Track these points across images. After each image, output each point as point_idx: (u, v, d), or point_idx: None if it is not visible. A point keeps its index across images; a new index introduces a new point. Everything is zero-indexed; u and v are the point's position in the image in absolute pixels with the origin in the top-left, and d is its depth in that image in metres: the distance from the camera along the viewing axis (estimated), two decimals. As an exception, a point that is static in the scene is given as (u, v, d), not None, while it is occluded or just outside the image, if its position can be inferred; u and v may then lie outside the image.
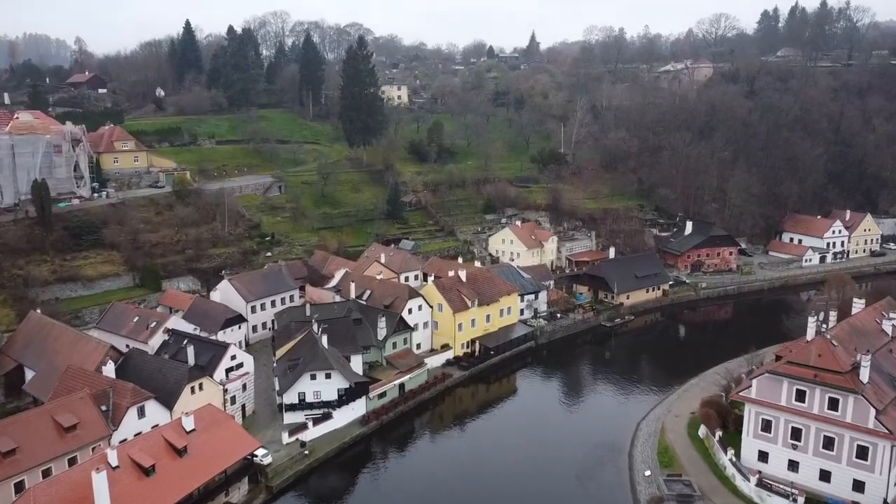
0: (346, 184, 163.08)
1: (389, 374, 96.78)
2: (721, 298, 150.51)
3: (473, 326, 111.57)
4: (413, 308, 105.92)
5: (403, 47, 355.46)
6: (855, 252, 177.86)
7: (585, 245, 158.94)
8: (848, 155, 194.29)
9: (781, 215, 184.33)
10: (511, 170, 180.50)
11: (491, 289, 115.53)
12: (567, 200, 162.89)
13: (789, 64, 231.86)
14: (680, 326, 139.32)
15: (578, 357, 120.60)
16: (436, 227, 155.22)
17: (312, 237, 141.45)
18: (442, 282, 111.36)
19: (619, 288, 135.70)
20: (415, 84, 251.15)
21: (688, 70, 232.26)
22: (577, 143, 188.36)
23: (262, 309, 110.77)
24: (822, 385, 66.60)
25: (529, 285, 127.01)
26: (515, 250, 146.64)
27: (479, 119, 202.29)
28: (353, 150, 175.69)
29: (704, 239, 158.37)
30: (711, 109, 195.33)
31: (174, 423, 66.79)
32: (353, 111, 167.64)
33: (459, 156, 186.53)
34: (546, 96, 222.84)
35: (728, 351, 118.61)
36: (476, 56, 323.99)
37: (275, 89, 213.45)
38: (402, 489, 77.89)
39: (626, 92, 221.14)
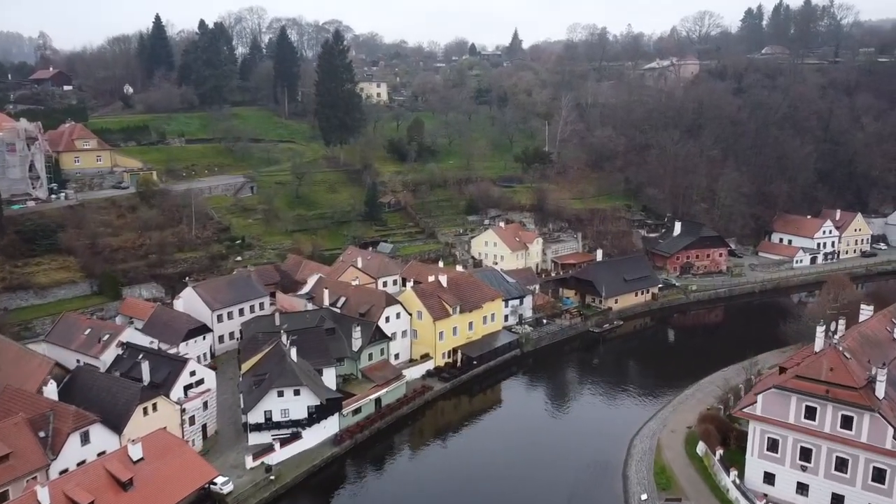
0: (322, 184, 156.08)
1: (365, 387, 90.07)
2: (712, 302, 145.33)
3: (455, 335, 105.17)
4: (390, 316, 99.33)
5: (384, 45, 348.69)
6: (845, 252, 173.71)
7: (571, 247, 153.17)
8: (837, 153, 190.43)
9: (771, 215, 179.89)
10: (494, 169, 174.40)
11: (473, 294, 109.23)
12: (552, 201, 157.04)
13: (777, 61, 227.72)
14: (671, 331, 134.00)
15: (566, 365, 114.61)
16: (416, 229, 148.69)
17: (286, 240, 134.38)
18: (421, 287, 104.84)
19: (608, 292, 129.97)
20: (395, 81, 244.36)
21: (674, 67, 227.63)
22: (562, 142, 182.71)
23: (230, 318, 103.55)
24: (834, 402, 60.93)
25: (514, 290, 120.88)
26: (499, 253, 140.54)
27: (462, 117, 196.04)
28: (329, 148, 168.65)
29: (694, 240, 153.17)
30: (699, 107, 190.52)
31: (119, 453, 59.66)
32: (330, 108, 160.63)
33: (441, 155, 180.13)
34: (530, 94, 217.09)
35: (722, 357, 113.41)
36: (458, 54, 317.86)
37: (249, 86, 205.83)
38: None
39: (612, 90, 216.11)
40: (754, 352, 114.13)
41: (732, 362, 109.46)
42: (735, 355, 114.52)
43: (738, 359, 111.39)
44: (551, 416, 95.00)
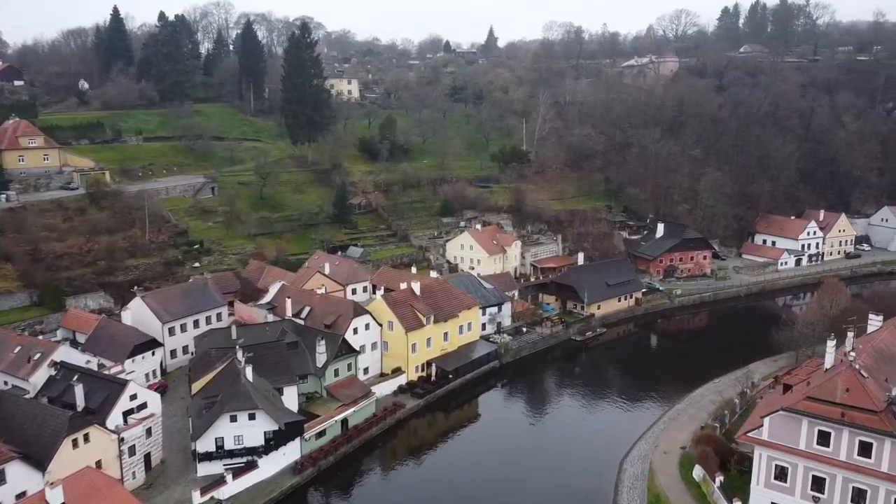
0: (289, 184, 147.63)
1: (330, 407, 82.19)
2: (697, 306, 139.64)
3: (429, 346, 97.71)
4: (359, 327, 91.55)
5: (356, 43, 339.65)
6: (829, 254, 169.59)
7: (551, 250, 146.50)
8: (819, 153, 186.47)
9: (753, 216, 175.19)
10: (470, 169, 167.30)
11: (449, 302, 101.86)
12: (531, 201, 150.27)
13: (756, 59, 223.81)
14: (656, 338, 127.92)
15: (548, 377, 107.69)
16: (388, 232, 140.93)
17: (248, 244, 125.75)
18: (393, 296, 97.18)
19: (590, 297, 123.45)
20: (367, 78, 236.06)
21: (653, 64, 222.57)
22: (540, 140, 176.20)
23: (183, 330, 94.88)
24: (851, 426, 54.59)
25: (492, 296, 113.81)
26: (475, 257, 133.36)
27: (436, 115, 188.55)
28: (296, 147, 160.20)
29: (678, 242, 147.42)
30: (680, 105, 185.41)
31: (36, 497, 51.13)
32: (297, 104, 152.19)
33: (414, 154, 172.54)
34: (506, 91, 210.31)
35: (712, 366, 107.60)
36: (432, 52, 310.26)
37: (213, 82, 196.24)
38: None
39: (590, 87, 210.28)
40: (745, 360, 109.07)
41: (723, 372, 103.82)
42: (725, 364, 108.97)
43: (729, 367, 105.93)
44: (533, 435, 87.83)
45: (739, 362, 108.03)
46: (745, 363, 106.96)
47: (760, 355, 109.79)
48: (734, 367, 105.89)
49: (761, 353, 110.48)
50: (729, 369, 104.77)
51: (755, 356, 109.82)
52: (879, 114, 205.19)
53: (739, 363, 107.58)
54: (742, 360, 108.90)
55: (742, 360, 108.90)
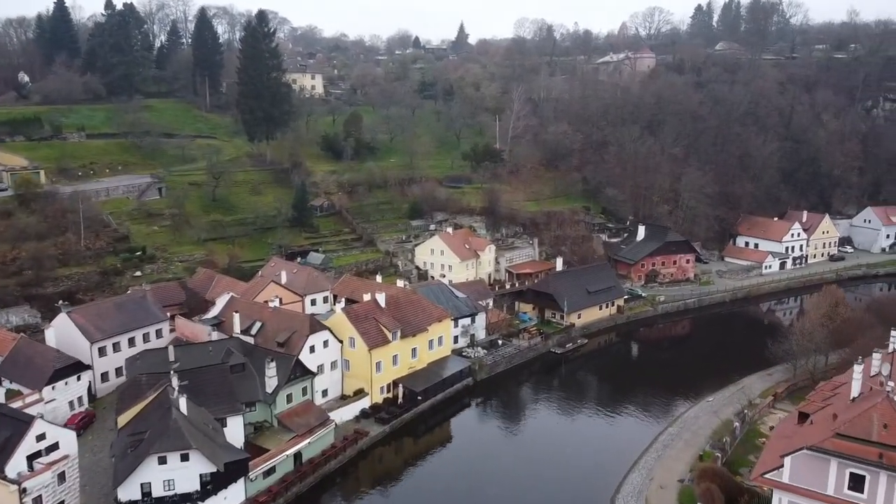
0: (244, 185, 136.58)
1: (282, 439, 72.03)
2: (681, 313, 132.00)
3: (396, 365, 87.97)
4: (316, 345, 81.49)
5: (323, 40, 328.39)
6: (813, 257, 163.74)
7: (527, 254, 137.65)
8: (800, 152, 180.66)
9: (735, 217, 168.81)
10: (440, 168, 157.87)
11: (417, 315, 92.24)
12: (505, 203, 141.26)
13: (734, 56, 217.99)
14: (640, 349, 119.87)
15: (526, 395, 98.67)
16: (352, 236, 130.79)
17: (197, 251, 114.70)
18: (355, 309, 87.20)
19: (570, 306, 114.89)
20: (332, 74, 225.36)
21: (629, 61, 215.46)
22: (514, 138, 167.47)
23: (116, 350, 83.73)
24: (891, 470, 46.27)
25: (464, 307, 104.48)
26: (447, 262, 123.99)
27: (404, 111, 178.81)
28: (254, 145, 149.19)
29: (660, 245, 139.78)
30: (658, 102, 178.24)
31: None
32: (253, 99, 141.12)
33: (381, 152, 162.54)
34: (478, 87, 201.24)
35: (703, 381, 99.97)
36: (401, 48, 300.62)
37: (166, 76, 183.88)
38: None
39: (566, 84, 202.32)
40: (737, 372, 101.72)
41: (715, 386, 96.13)
42: (716, 378, 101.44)
43: (721, 382, 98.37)
44: (510, 461, 78.52)
45: (731, 376, 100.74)
46: (737, 376, 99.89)
47: (753, 367, 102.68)
48: (726, 381, 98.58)
49: (753, 364, 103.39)
50: (721, 384, 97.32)
51: (747, 368, 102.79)
52: (858, 112, 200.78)
53: (732, 377, 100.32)
54: (734, 373, 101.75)
55: (734, 373, 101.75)
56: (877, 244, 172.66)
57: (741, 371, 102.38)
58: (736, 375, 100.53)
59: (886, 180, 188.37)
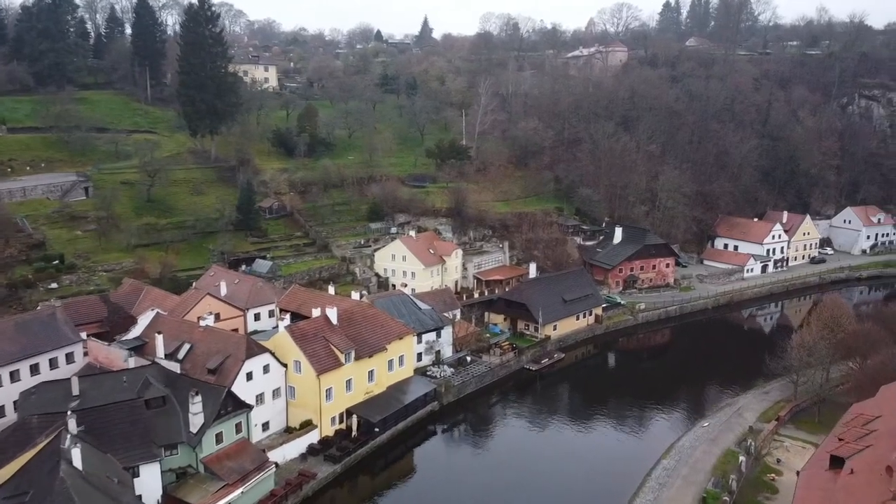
0: (185, 184, 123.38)
1: (208, 490, 59.85)
2: (662, 322, 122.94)
3: (349, 391, 76.36)
4: (255, 371, 69.50)
5: (281, 34, 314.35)
6: (794, 259, 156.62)
7: (497, 259, 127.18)
8: (778, 150, 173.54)
9: (713, 218, 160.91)
10: (403, 166, 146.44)
11: (374, 332, 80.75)
12: (472, 203, 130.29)
13: (709, 50, 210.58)
14: (621, 363, 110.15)
15: (498, 420, 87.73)
16: (305, 241, 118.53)
17: (126, 258, 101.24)
18: (301, 328, 75.28)
19: (545, 317, 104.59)
20: (288, 66, 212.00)
21: (601, 54, 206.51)
22: (481, 135, 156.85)
23: (13, 380, 70.11)
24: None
25: (429, 320, 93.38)
26: (409, 269, 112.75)
27: (364, 106, 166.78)
28: (197, 140, 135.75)
29: (638, 248, 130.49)
30: (632, 96, 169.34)
31: None
32: (195, 89, 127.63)
33: (339, 149, 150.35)
34: (443, 81, 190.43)
35: (694, 399, 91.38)
36: (363, 42, 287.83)
37: (104, 66, 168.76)
38: None
39: (535, 79, 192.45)
40: (730, 391, 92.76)
41: (707, 407, 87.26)
42: (708, 396, 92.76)
43: (713, 401, 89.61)
44: (480, 499, 67.79)
45: (724, 395, 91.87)
46: (730, 394, 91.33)
47: (746, 383, 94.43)
48: (719, 400, 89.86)
49: (746, 379, 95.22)
50: (713, 404, 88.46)
51: (740, 384, 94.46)
52: (834, 109, 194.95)
53: (725, 396, 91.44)
54: (727, 390, 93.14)
55: (727, 390, 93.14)
56: (857, 245, 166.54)
57: (734, 387, 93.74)
58: (729, 393, 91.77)
59: (864, 179, 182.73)
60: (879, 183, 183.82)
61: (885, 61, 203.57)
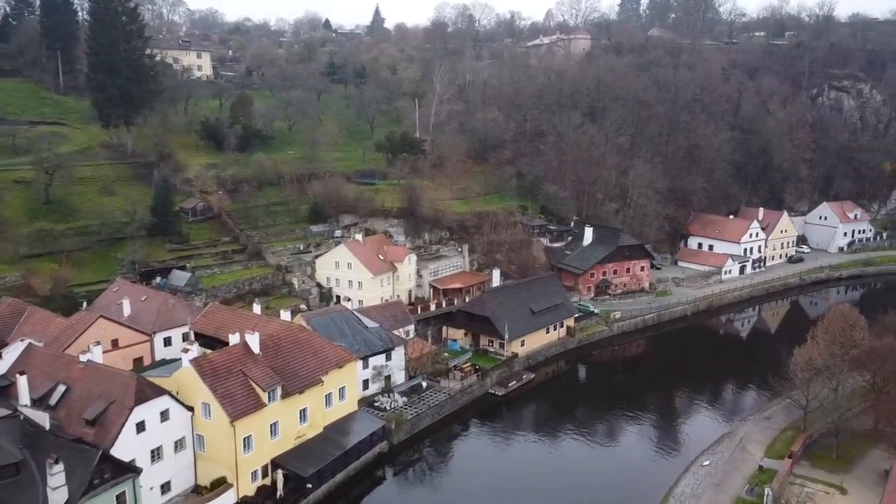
0: (94, 183, 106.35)
1: (71, 591, 44.54)
2: (639, 332, 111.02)
3: (275, 437, 61.55)
4: (148, 420, 54.33)
5: (225, 24, 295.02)
6: (772, 259, 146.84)
7: (456, 264, 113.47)
8: (750, 143, 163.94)
9: (685, 215, 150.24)
10: (349, 161, 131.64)
11: (308, 360, 66.05)
12: (427, 202, 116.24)
13: (675, 39, 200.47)
14: (599, 383, 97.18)
15: (459, 459, 73.79)
16: (234, 247, 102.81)
17: (10, 272, 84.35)
18: (212, 361, 60.04)
19: (512, 331, 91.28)
20: (226, 54, 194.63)
21: (563, 42, 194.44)
22: (436, 126, 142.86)
23: None
24: None
25: (377, 340, 79.13)
26: (356, 278, 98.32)
27: (308, 96, 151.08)
28: (112, 132, 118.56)
29: (612, 251, 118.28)
30: (599, 85, 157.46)
31: None
32: (106, 73, 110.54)
33: (278, 143, 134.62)
34: (395, 70, 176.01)
35: (686, 425, 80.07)
36: (311, 31, 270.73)
37: (10, 50, 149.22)
38: None
39: (493, 68, 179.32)
40: (725, 414, 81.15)
41: (703, 438, 75.20)
42: (701, 422, 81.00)
43: (708, 430, 77.45)
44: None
45: (718, 419, 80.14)
46: (726, 420, 79.64)
47: (740, 402, 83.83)
48: (714, 427, 77.70)
49: (740, 398, 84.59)
50: (708, 433, 76.45)
51: (734, 404, 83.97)
52: (804, 101, 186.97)
53: (719, 420, 79.81)
54: (722, 415, 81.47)
55: (722, 415, 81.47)
56: (834, 243, 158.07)
57: (728, 410, 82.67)
58: (723, 416, 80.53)
59: (837, 174, 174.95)
60: (852, 177, 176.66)
61: (854, 52, 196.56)
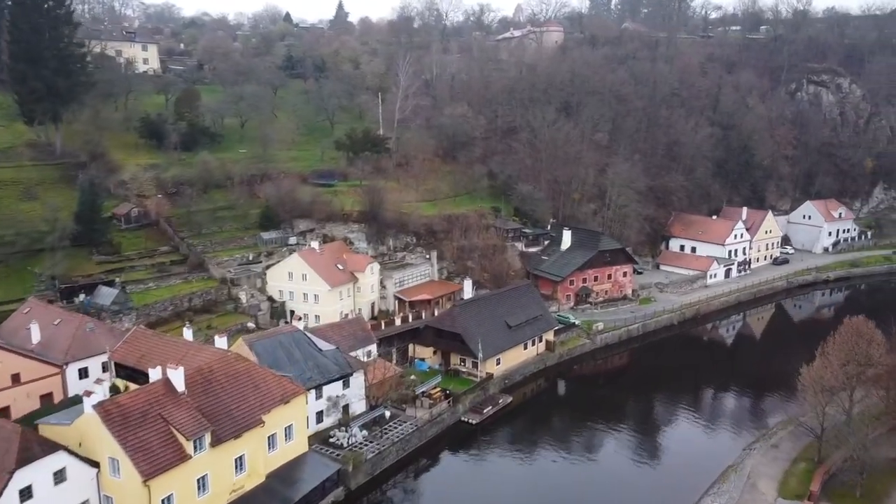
0: (13, 187, 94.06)
1: None
2: (624, 344, 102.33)
3: (203, 493, 50.90)
4: (37, 484, 43.53)
5: (181, 18, 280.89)
6: (756, 261, 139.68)
7: (423, 273, 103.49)
8: (730, 139, 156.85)
9: (666, 216, 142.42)
10: (307, 160, 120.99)
11: (245, 397, 55.51)
12: (392, 204, 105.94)
13: (650, 32, 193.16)
14: (584, 405, 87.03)
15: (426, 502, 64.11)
16: (174, 257, 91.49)
17: None
18: (122, 405, 49.12)
19: (486, 349, 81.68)
20: (176, 47, 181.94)
21: (535, 35, 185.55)
22: (401, 123, 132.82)
23: None
24: None
25: (333, 364, 68.89)
26: (311, 290, 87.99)
27: (264, 90, 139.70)
28: (38, 130, 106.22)
29: (592, 255, 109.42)
30: (574, 79, 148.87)
31: None
32: (28, 63, 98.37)
33: (228, 141, 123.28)
34: (357, 64, 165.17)
35: (685, 458, 70.42)
36: (270, 26, 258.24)
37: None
38: None
39: (462, 62, 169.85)
40: (726, 438, 72.45)
41: (704, 471, 65.89)
42: (700, 450, 72.31)
43: (709, 460, 68.60)
44: None
45: (719, 446, 71.50)
46: (727, 441, 71.04)
47: (740, 423, 75.58)
48: (715, 456, 68.98)
49: (738, 418, 76.39)
50: (710, 464, 67.42)
51: (733, 425, 75.23)
52: (783, 97, 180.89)
53: (721, 447, 71.08)
54: (720, 436, 73.07)
55: (720, 436, 73.07)
56: (819, 243, 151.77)
57: (730, 434, 73.91)
58: (727, 445, 71.28)
59: (818, 171, 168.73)
60: (834, 174, 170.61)
61: (832, 46, 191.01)
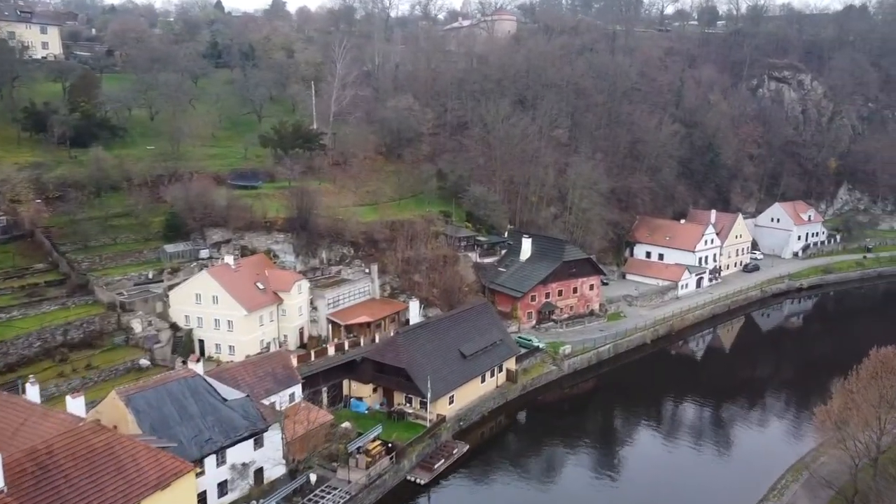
0: None
1: None
2: (593, 368, 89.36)
3: None
4: None
5: (103, 5, 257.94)
6: (726, 268, 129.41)
7: (362, 290, 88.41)
8: (693, 138, 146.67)
9: (630, 220, 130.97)
10: (228, 158, 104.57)
11: (101, 488, 39.70)
12: (326, 210, 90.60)
13: (605, 26, 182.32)
14: (550, 444, 72.98)
15: None
16: (51, 276, 74.13)
17: None
18: None
19: (437, 386, 67.29)
20: (83, 31, 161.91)
21: (486, 24, 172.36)
22: (338, 117, 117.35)
23: None
24: None
25: (240, 419, 53.48)
26: (224, 316, 72.08)
27: (182, 79, 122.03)
28: None
29: (556, 267, 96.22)
30: (530, 70, 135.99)
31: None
32: None
33: (137, 136, 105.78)
34: (291, 53, 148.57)
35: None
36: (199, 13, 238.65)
37: None
38: None
39: (408, 53, 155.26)
40: (730, 493, 59.84)
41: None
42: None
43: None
44: None
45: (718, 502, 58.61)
46: (730, 497, 57.97)
47: (745, 473, 61.90)
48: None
49: (740, 466, 63.09)
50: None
51: (738, 475, 61.84)
52: (745, 93, 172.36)
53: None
54: (723, 492, 59.85)
55: (723, 492, 59.85)
56: (788, 248, 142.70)
57: (734, 484, 60.77)
58: (730, 499, 58.55)
59: (783, 171, 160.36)
60: (798, 175, 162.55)
61: (793, 42, 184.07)
